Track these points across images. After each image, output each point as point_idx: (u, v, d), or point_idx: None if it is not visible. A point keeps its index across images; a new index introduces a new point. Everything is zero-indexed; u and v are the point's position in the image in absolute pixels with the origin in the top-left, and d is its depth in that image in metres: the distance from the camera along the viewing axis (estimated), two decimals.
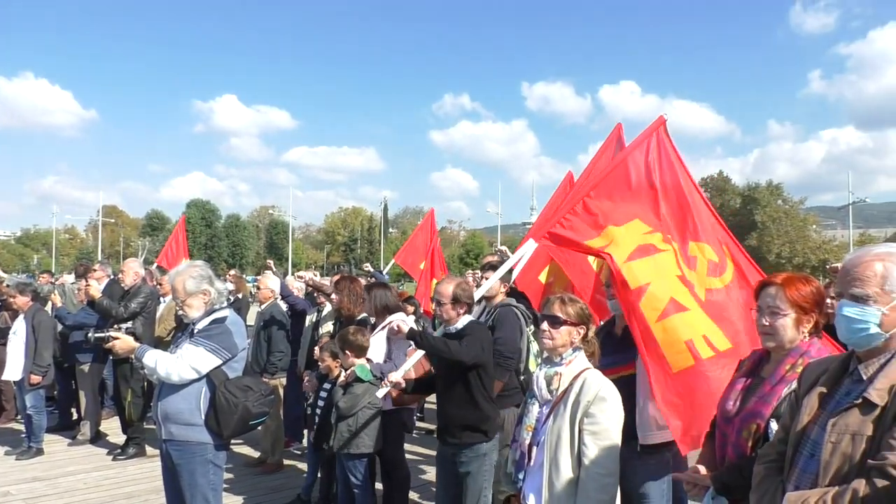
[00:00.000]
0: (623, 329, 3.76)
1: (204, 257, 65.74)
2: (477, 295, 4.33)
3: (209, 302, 3.86)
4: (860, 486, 1.71)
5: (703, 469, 2.58)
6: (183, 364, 3.64)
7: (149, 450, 7.11)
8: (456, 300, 4.01)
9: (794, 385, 2.28)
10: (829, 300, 2.70)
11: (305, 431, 6.50)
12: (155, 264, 10.97)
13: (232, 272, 11.30)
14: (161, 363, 3.65)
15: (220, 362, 3.71)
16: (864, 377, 1.90)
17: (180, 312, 3.99)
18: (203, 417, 3.67)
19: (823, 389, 2.01)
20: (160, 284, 8.17)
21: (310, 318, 6.90)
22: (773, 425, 2.32)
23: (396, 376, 4.07)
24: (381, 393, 4.18)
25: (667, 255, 3.85)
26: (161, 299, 7.95)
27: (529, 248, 4.30)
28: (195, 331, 3.79)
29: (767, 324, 2.48)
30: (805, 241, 74.47)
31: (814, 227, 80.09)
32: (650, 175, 4.17)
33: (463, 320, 4.04)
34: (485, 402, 3.95)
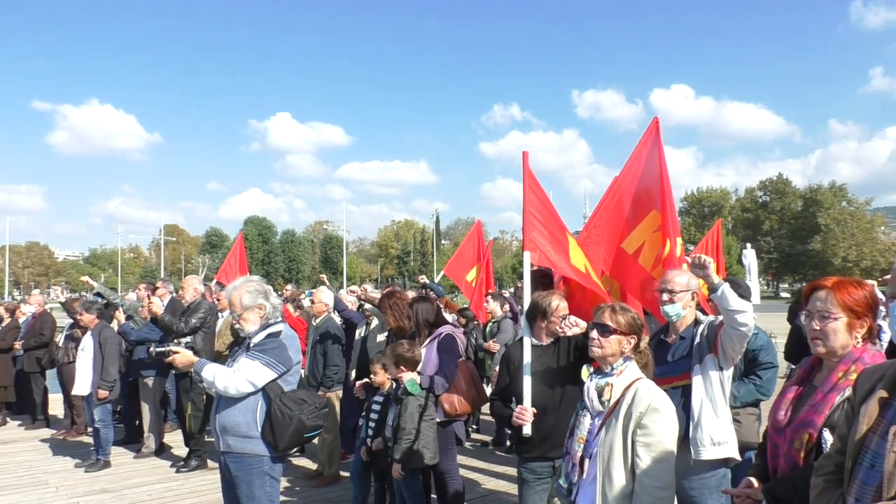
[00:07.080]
0: (678, 338, 3.68)
1: (261, 273, 67.29)
2: None
3: (264, 316, 3.93)
4: None
5: (755, 482, 2.48)
6: (240, 377, 3.70)
7: (210, 462, 7.27)
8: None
9: (848, 392, 2.18)
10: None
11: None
12: (214, 280, 11.21)
13: (288, 287, 11.46)
14: (219, 377, 3.72)
15: (275, 376, 3.77)
16: None
17: (237, 326, 4.06)
18: (259, 430, 3.72)
19: (884, 394, 1.91)
20: (219, 300, 8.35)
21: (359, 332, 6.97)
22: (827, 435, 2.21)
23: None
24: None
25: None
26: (220, 314, 8.11)
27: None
28: (251, 345, 3.85)
29: (818, 328, 2.38)
30: (873, 244, 71.68)
31: (882, 228, 76.99)
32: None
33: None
34: None
